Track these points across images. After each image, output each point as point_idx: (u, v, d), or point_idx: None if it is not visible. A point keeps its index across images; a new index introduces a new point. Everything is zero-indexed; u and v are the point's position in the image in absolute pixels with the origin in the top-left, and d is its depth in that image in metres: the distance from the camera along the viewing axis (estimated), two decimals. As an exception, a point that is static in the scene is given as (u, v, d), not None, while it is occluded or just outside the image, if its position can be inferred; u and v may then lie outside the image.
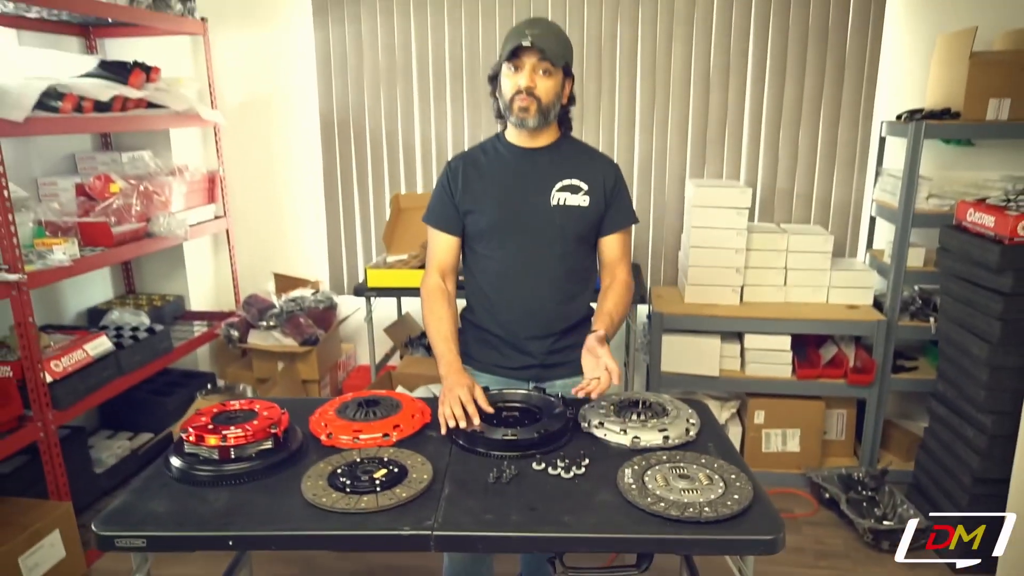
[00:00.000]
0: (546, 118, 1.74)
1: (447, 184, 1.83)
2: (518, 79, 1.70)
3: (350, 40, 3.34)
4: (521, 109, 1.71)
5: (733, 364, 2.99)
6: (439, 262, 1.86)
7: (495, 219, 1.79)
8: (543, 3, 3.19)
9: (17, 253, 2.21)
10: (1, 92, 2.22)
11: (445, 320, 1.80)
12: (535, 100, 1.70)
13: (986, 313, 2.29)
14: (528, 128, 1.75)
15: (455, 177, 1.82)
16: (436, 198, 1.86)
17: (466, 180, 1.81)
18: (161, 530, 1.27)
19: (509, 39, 1.70)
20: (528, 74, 1.68)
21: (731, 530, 1.26)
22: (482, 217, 1.80)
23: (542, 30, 1.68)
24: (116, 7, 2.67)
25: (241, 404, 1.61)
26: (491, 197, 1.79)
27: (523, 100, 1.70)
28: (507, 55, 1.68)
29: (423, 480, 1.40)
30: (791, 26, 3.09)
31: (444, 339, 1.77)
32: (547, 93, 1.71)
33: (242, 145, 3.53)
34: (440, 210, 1.85)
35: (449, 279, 1.87)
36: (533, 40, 1.64)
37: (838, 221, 3.26)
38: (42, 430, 2.33)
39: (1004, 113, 2.68)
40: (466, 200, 1.81)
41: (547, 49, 1.66)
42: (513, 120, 1.74)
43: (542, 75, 1.69)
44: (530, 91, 1.69)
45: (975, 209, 2.38)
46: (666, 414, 1.68)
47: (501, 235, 1.80)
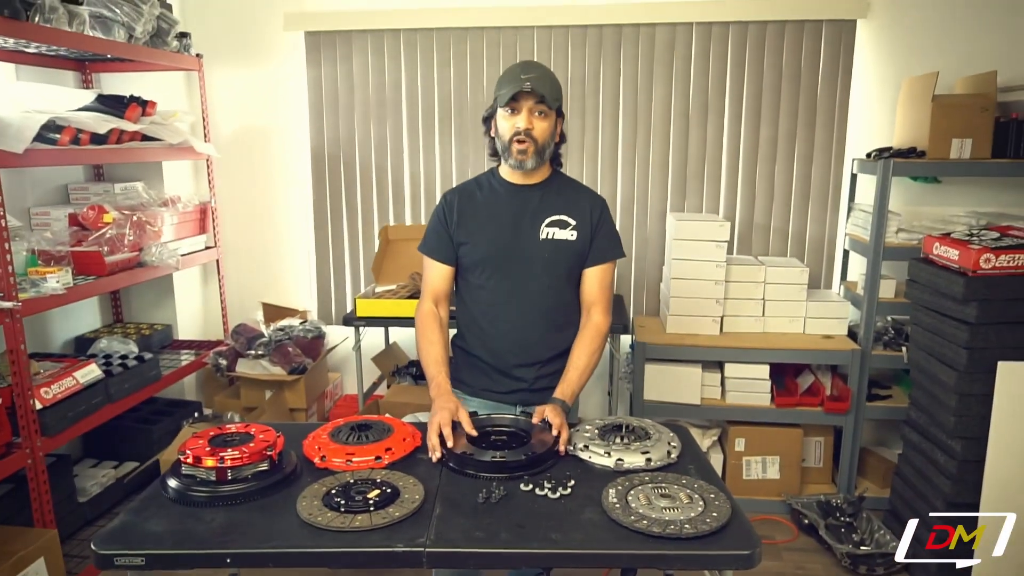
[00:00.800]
0: (542, 158, 1.83)
1: (443, 215, 1.91)
2: (516, 121, 1.78)
3: (341, 77, 3.44)
4: (519, 152, 1.79)
5: (714, 392, 3.06)
6: (433, 290, 1.93)
7: (487, 251, 1.87)
8: (529, 44, 3.33)
9: (12, 281, 2.24)
10: (2, 125, 2.28)
11: (436, 344, 1.87)
12: (532, 142, 1.78)
13: (953, 342, 2.39)
14: (526, 169, 1.84)
15: (451, 209, 1.90)
16: (431, 229, 1.94)
17: (461, 213, 1.89)
18: (159, 548, 1.30)
19: (506, 83, 1.77)
20: (526, 116, 1.77)
21: (710, 546, 1.31)
22: (475, 249, 1.87)
23: (538, 74, 1.77)
24: (116, 44, 2.75)
25: (237, 427, 1.65)
26: (484, 230, 1.87)
27: (521, 143, 1.78)
28: (506, 100, 1.76)
29: (415, 500, 1.44)
30: (766, 70, 3.25)
31: (435, 362, 1.83)
32: (543, 134, 1.80)
33: (234, 177, 3.60)
34: (435, 240, 1.92)
35: (442, 306, 1.94)
36: (532, 85, 1.73)
37: (813, 254, 3.38)
38: (30, 457, 2.33)
39: (967, 152, 2.83)
40: (461, 232, 1.88)
41: (545, 93, 1.75)
42: (512, 162, 1.82)
43: (538, 116, 1.78)
44: (528, 133, 1.77)
45: (941, 243, 2.49)
46: (648, 437, 1.75)
47: (493, 267, 1.87)
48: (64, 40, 2.49)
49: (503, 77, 1.81)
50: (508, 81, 1.77)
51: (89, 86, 3.27)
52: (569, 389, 1.82)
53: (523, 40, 3.32)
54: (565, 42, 3.31)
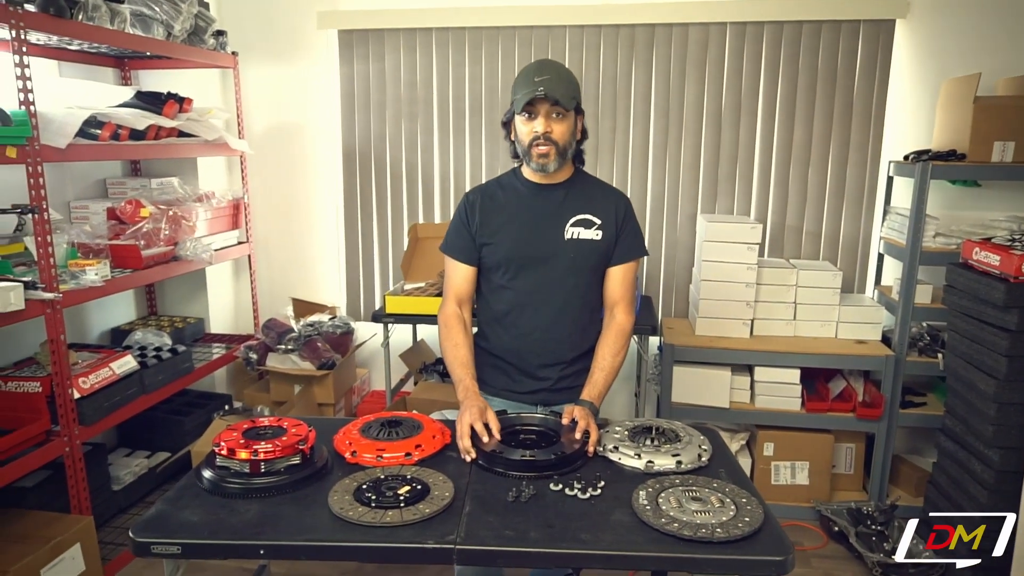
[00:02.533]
0: (564, 158, 1.81)
1: (465, 216, 1.90)
2: (534, 126, 1.76)
3: (374, 76, 3.46)
4: (540, 156, 1.77)
5: (743, 396, 3.03)
6: (456, 290, 1.92)
7: (511, 252, 1.85)
8: (561, 44, 3.32)
9: (53, 273, 2.30)
10: (45, 120, 2.33)
11: (462, 346, 1.86)
12: (553, 145, 1.76)
13: (993, 349, 2.34)
14: (549, 172, 1.82)
15: (472, 210, 1.89)
16: (454, 229, 1.92)
17: (483, 213, 1.88)
18: (195, 538, 1.32)
19: (520, 87, 1.75)
20: (543, 120, 1.75)
21: (742, 551, 1.30)
22: (498, 249, 1.86)
23: (551, 75, 1.73)
24: (155, 42, 2.80)
25: (270, 421, 1.67)
26: (507, 231, 1.86)
27: (541, 147, 1.76)
28: (521, 106, 1.74)
29: (445, 497, 1.45)
30: (800, 71, 3.20)
31: (462, 364, 1.83)
32: (563, 136, 1.78)
33: (266, 173, 3.64)
34: (457, 241, 1.91)
35: (465, 307, 1.93)
36: (546, 91, 1.70)
37: (847, 258, 3.32)
38: (67, 445, 2.39)
39: (1009, 155, 2.76)
40: (483, 232, 1.87)
41: (560, 97, 1.72)
42: (534, 166, 1.80)
43: (556, 118, 1.76)
44: (547, 136, 1.75)
45: (981, 248, 2.44)
46: (679, 440, 1.73)
47: (516, 267, 1.86)
48: (106, 38, 2.54)
49: (517, 80, 1.78)
50: (522, 85, 1.74)
51: (128, 83, 3.34)
52: (596, 390, 1.81)
53: (555, 40, 3.32)
54: (597, 41, 3.30)
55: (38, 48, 2.77)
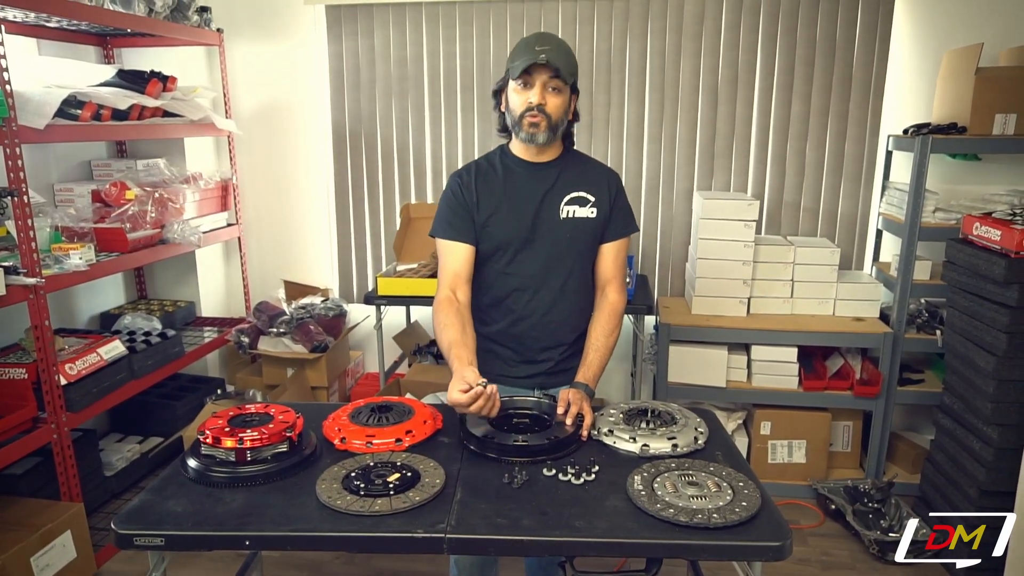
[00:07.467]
0: (555, 134, 1.75)
1: (460, 194, 1.80)
2: (528, 95, 1.69)
3: (363, 52, 3.39)
4: (531, 125, 1.71)
5: (740, 375, 3.00)
6: (453, 274, 1.79)
7: (507, 233, 1.79)
8: (554, 17, 3.24)
9: (35, 257, 2.25)
10: (23, 100, 2.27)
11: (452, 327, 1.72)
12: (546, 117, 1.70)
13: (992, 326, 2.31)
14: (537, 144, 1.76)
15: (468, 189, 1.80)
16: (447, 210, 1.82)
17: (480, 193, 1.80)
18: (179, 529, 1.29)
19: (519, 55, 1.69)
20: (539, 91, 1.68)
21: (739, 536, 1.27)
22: (497, 231, 1.79)
23: (553, 47, 1.67)
24: (136, 18, 2.72)
25: (257, 408, 1.64)
26: (503, 210, 1.79)
27: (534, 117, 1.70)
28: (519, 72, 1.68)
29: (436, 484, 1.42)
30: (799, 42, 3.13)
31: (454, 343, 1.69)
32: (556, 110, 1.71)
33: (255, 154, 3.58)
34: (453, 221, 1.80)
35: (461, 290, 1.79)
36: (548, 58, 1.64)
37: (844, 234, 3.28)
38: (55, 432, 2.36)
39: (1010, 128, 2.71)
40: (481, 213, 1.79)
41: (560, 67, 1.66)
42: (523, 136, 1.74)
43: (552, 92, 1.70)
44: (541, 108, 1.69)
45: (981, 223, 2.40)
46: (675, 423, 1.70)
47: (513, 249, 1.80)
48: (85, 14, 2.46)
49: (516, 49, 1.72)
50: (522, 53, 1.68)
51: (111, 62, 3.26)
52: (591, 372, 1.76)
53: (547, 13, 3.24)
54: (591, 14, 3.22)
55: (15, 25, 2.69)
